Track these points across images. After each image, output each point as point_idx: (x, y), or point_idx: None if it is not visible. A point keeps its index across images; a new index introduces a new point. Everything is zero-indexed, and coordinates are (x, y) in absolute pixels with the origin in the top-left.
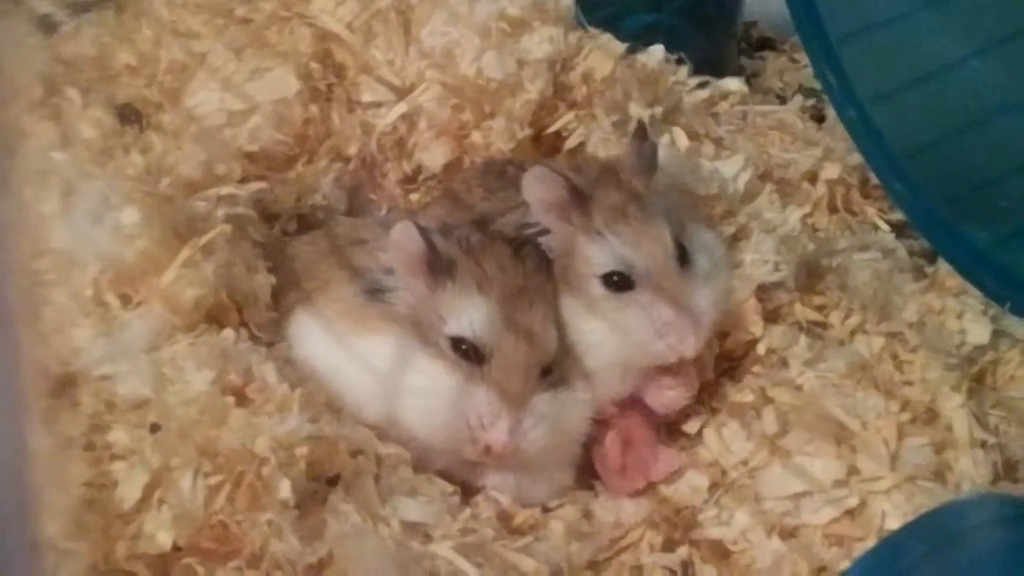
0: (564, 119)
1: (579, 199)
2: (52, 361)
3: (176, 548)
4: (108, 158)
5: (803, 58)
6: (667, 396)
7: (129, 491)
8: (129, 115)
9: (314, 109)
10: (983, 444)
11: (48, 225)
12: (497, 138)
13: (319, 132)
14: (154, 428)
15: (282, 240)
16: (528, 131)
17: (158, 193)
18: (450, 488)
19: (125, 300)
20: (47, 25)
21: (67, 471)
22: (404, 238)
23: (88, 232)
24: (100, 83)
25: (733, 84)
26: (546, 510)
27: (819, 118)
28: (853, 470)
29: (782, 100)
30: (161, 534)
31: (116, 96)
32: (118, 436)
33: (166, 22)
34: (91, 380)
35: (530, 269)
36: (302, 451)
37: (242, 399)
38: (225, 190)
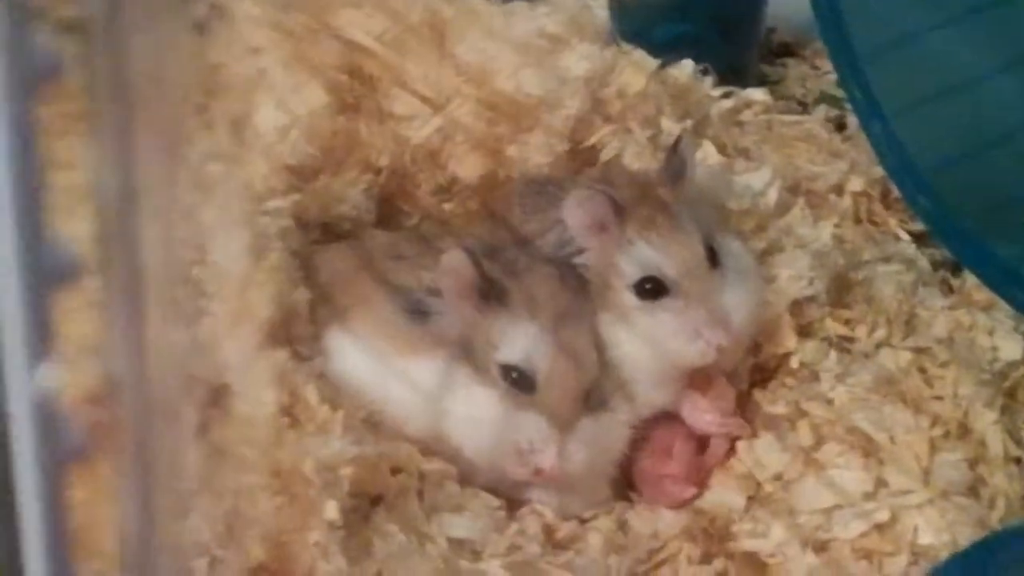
0: (600, 133)
1: (618, 213)
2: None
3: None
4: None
5: (824, 65)
6: (704, 419)
7: None
8: None
9: (342, 121)
10: (1018, 460)
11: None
12: (535, 152)
13: (345, 144)
14: None
15: (311, 249)
16: (566, 146)
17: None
18: (496, 503)
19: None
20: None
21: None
22: (455, 264)
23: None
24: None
25: (757, 94)
26: (582, 522)
27: (840, 126)
28: (881, 483)
29: (804, 107)
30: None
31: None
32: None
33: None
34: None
35: (573, 291)
36: (346, 472)
37: (292, 420)
38: (272, 204)
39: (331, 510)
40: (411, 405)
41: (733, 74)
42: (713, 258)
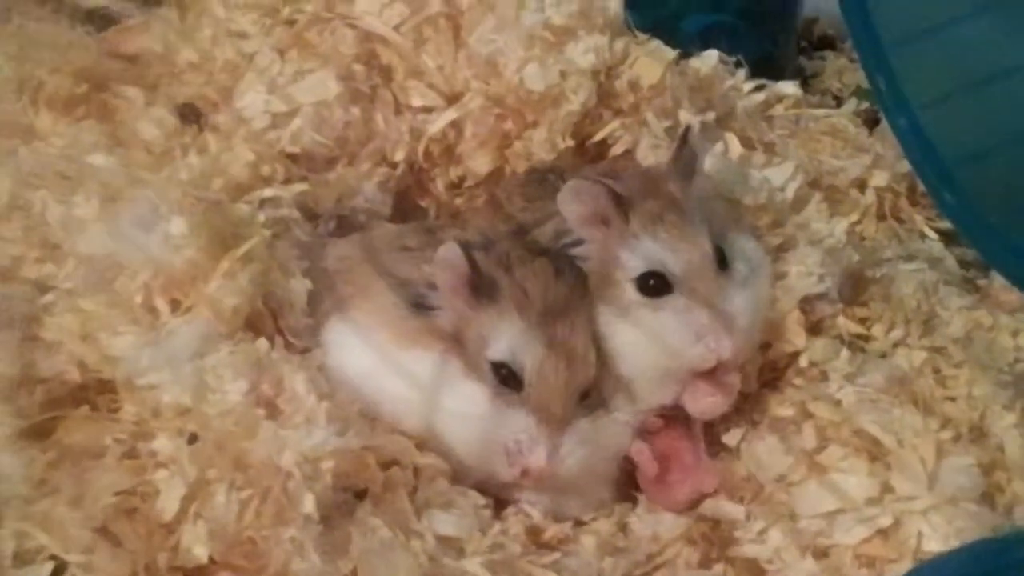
0: (610, 127)
1: (619, 205)
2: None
3: (212, 561)
4: (170, 159)
5: None
6: (706, 402)
7: (169, 502)
8: (189, 114)
9: (355, 111)
10: None
11: (86, 230)
12: (538, 148)
13: (360, 135)
14: (192, 439)
15: (322, 240)
16: (570, 142)
17: (207, 198)
18: (482, 501)
19: (175, 306)
20: (102, 19)
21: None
22: (449, 258)
23: (139, 239)
24: (166, 81)
25: (788, 88)
26: (579, 524)
27: (874, 120)
28: (887, 488)
29: (839, 101)
30: (198, 547)
31: (177, 95)
32: (162, 444)
33: (221, 20)
34: (136, 387)
35: (570, 286)
36: (328, 465)
37: (273, 410)
38: (268, 192)
39: (309, 504)
40: (408, 399)
41: (768, 66)
42: (722, 259)
